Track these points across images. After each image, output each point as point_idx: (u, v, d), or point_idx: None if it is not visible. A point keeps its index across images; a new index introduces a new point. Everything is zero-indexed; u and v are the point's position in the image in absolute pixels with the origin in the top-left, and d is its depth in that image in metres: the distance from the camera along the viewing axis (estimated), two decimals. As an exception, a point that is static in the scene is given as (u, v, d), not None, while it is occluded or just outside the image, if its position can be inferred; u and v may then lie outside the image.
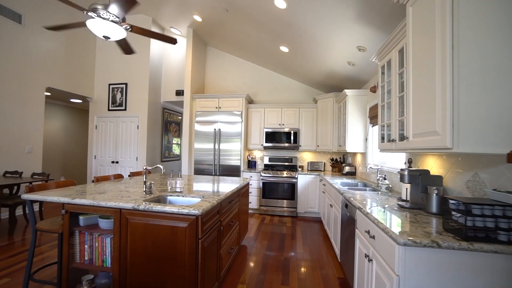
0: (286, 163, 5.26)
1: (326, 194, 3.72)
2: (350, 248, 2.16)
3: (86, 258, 1.92)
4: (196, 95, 5.08)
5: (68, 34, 5.10)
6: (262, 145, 5.11)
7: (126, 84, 5.50)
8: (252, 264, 2.76)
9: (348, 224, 2.27)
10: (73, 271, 1.95)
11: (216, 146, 4.92)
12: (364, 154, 3.97)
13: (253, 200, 4.79)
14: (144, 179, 1.92)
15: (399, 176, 2.57)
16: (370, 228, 1.60)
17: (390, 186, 2.61)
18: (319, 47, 3.62)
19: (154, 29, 5.49)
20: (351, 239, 2.13)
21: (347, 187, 3.21)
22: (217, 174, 4.92)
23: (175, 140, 6.73)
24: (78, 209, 1.84)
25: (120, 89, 5.54)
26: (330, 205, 3.26)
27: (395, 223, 1.42)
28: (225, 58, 5.73)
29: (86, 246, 1.91)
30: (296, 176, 4.66)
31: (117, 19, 2.47)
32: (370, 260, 1.57)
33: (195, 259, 1.65)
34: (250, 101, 5.40)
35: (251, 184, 4.80)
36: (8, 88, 4.12)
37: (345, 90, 3.96)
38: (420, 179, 1.73)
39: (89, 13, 2.40)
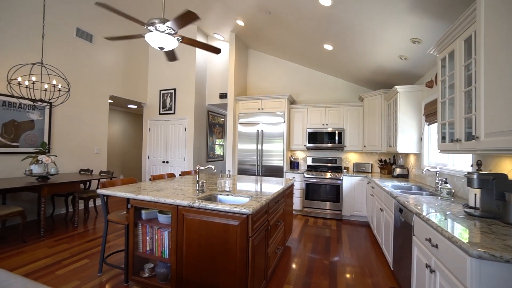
0: (330, 164, 5.10)
1: (375, 197, 3.51)
2: (405, 256, 2.01)
3: (148, 248, 2.13)
4: (239, 97, 5.24)
5: (126, 48, 5.70)
6: (304, 145, 5.04)
7: (174, 89, 5.93)
8: (297, 266, 2.74)
9: (403, 230, 2.11)
10: (136, 259, 2.19)
11: (259, 147, 5.01)
12: (418, 155, 3.64)
13: (296, 201, 4.75)
14: (197, 179, 2.06)
15: (464, 180, 2.31)
16: (432, 236, 1.47)
17: (453, 191, 2.36)
18: (366, 43, 3.44)
19: (199, 37, 5.82)
20: (407, 246, 1.98)
21: (399, 191, 2.98)
22: (260, 174, 5.00)
23: (218, 141, 7.02)
24: (141, 204, 2.05)
25: (169, 94, 5.99)
26: (380, 209, 3.07)
27: (463, 233, 1.28)
28: (266, 60, 5.80)
29: (147, 237, 2.12)
30: (341, 178, 4.49)
31: (172, 31, 2.69)
32: (432, 271, 1.45)
33: (246, 257, 1.71)
34: (292, 102, 5.37)
35: (294, 185, 4.77)
36: (82, 98, 4.78)
37: (396, 87, 3.69)
38: (494, 184, 1.53)
39: (148, 27, 2.66)
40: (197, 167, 2.06)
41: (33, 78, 3.44)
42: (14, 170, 3.86)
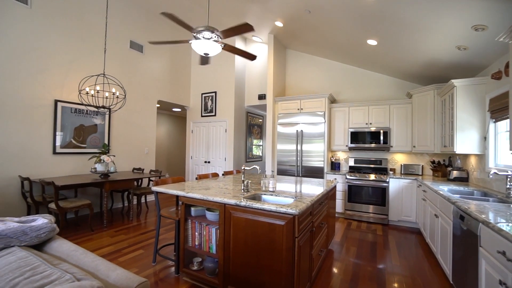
0: (374, 166, 4.82)
1: (428, 202, 3.23)
2: (470, 268, 1.81)
3: (196, 243, 2.26)
4: (278, 98, 5.26)
5: (171, 56, 6.12)
6: (346, 146, 4.85)
7: (215, 92, 6.19)
8: (340, 271, 2.66)
9: (465, 240, 1.91)
10: (186, 252, 2.34)
11: (299, 147, 4.96)
12: (481, 156, 3.25)
13: (338, 204, 4.59)
14: (242, 179, 2.13)
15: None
16: (508, 250, 1.31)
17: (528, 197, 2.06)
18: (416, 35, 3.18)
19: (238, 40, 5.98)
20: (471, 258, 1.79)
21: (458, 196, 2.69)
22: (300, 175, 4.95)
23: (256, 142, 7.12)
24: (191, 202, 2.20)
25: (210, 97, 6.27)
26: (435, 215, 2.81)
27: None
28: (305, 59, 5.72)
29: (196, 233, 2.26)
30: (387, 180, 4.22)
31: (219, 38, 2.83)
32: None
33: (292, 256, 1.72)
34: (332, 101, 5.21)
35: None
36: (134, 103, 5.27)
37: (453, 81, 3.34)
38: None
39: (196, 35, 2.84)
40: (242, 168, 2.14)
41: (98, 88, 3.90)
42: (82, 168, 4.41)
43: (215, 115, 6.17)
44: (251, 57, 3.19)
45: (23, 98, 3.69)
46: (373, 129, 4.60)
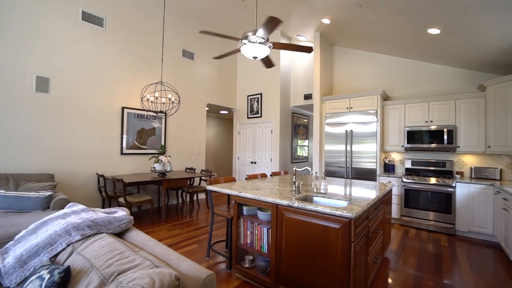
0: (435, 168, 4.34)
1: (511, 212, 2.77)
2: None
3: (248, 241, 2.33)
4: (325, 97, 5.10)
5: (218, 61, 6.42)
6: (402, 146, 4.46)
7: (261, 94, 6.29)
8: (398, 282, 2.45)
9: None
10: (238, 250, 2.43)
11: (348, 148, 4.73)
12: None
13: (393, 209, 4.25)
14: (294, 180, 2.13)
15: None
16: None
17: None
18: (488, 14, 2.76)
19: (283, 41, 5.98)
20: None
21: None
22: (349, 177, 4.72)
23: (301, 142, 7.01)
24: (243, 201, 2.27)
25: (256, 99, 6.39)
26: (520, 227, 2.40)
27: None
28: (354, 56, 5.44)
29: (248, 231, 2.33)
30: (453, 185, 3.75)
31: (263, 40, 2.88)
32: None
33: (347, 261, 1.65)
34: (385, 98, 4.85)
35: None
36: (186, 107, 5.67)
37: (542, 68, 2.81)
38: None
39: (243, 41, 2.93)
40: (294, 169, 2.13)
41: (156, 94, 4.31)
42: (143, 167, 4.92)
43: (260, 116, 6.27)
44: (308, 49, 3.06)
45: (97, 106, 4.28)
46: (434, 127, 4.14)
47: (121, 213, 1.49)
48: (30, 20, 3.58)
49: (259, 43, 2.90)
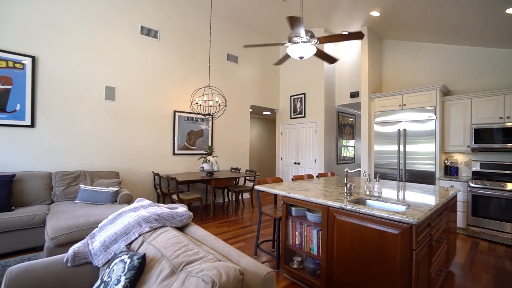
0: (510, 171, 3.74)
1: None
2: None
3: (297, 242, 2.32)
4: (375, 94, 4.80)
5: (261, 62, 6.51)
6: (468, 146, 3.95)
7: (304, 94, 6.19)
8: (471, 299, 2.18)
9: None
10: (286, 250, 2.43)
11: (401, 148, 4.38)
12: None
13: (458, 217, 3.79)
14: (345, 181, 2.06)
15: None
16: None
17: None
18: None
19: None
20: None
21: None
22: (403, 179, 4.36)
23: (345, 142, 6.70)
24: (292, 202, 2.27)
25: (299, 99, 6.31)
26: None
27: None
28: (406, 48, 5.01)
29: (297, 232, 2.32)
30: (538, 192, 3.19)
31: (306, 39, 2.84)
32: None
33: (408, 271, 1.53)
34: (446, 93, 4.36)
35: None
36: (231, 109, 5.88)
37: None
38: None
39: (288, 44, 2.93)
40: (345, 170, 2.06)
41: (205, 98, 4.56)
42: (192, 167, 5.25)
43: (304, 116, 6.17)
44: (358, 36, 2.87)
45: (153, 110, 4.70)
46: (509, 124, 3.58)
47: (182, 209, 1.62)
48: (98, 37, 4.11)
49: (303, 42, 2.87)
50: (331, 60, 3.17)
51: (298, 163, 6.27)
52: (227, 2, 4.99)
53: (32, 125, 3.56)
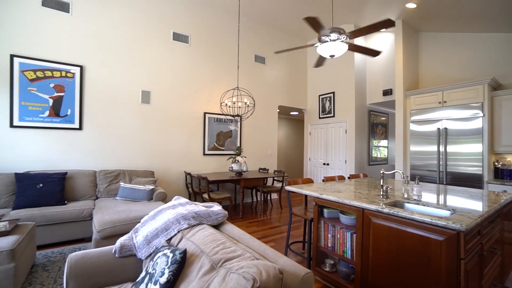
0: None
1: None
2: None
3: (329, 245, 2.27)
4: (410, 91, 4.52)
5: (288, 63, 6.47)
6: (522, 146, 3.56)
7: (333, 93, 6.04)
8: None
9: None
10: (317, 252, 2.39)
11: (441, 149, 4.07)
12: None
13: None
14: (381, 183, 1.97)
15: None
16: None
17: None
18: None
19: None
20: None
21: None
22: (443, 182, 4.05)
23: (376, 142, 6.39)
24: (324, 203, 2.23)
25: (328, 98, 6.16)
26: None
27: None
28: (446, 40, 4.65)
29: (329, 235, 2.27)
30: None
31: (335, 37, 2.76)
32: None
33: (456, 282, 1.43)
34: (496, 87, 3.97)
35: None
36: (259, 110, 5.92)
37: None
38: None
39: (317, 44, 2.88)
40: (381, 171, 1.98)
41: (234, 99, 4.65)
42: (222, 167, 5.38)
43: (333, 116, 6.01)
44: (388, 24, 2.75)
45: (185, 112, 4.90)
46: None
47: (217, 207, 1.68)
48: (136, 45, 4.39)
49: (331, 40, 2.80)
50: (373, 53, 3.04)
51: (327, 164, 6.12)
52: (254, 3, 5.04)
53: (80, 128, 3.91)
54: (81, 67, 3.90)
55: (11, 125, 3.44)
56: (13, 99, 3.44)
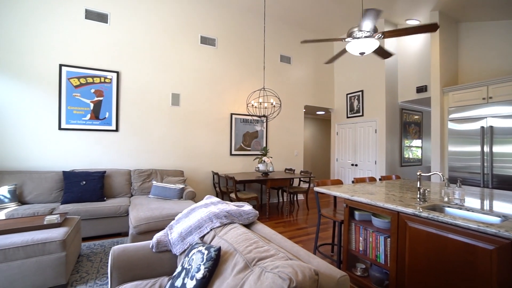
0: None
1: None
2: None
3: (361, 248, 2.20)
4: (448, 88, 4.22)
5: (314, 61, 6.36)
6: None
7: (362, 91, 5.82)
8: None
9: None
10: (348, 255, 2.32)
11: (486, 149, 3.74)
12: None
13: None
14: (418, 185, 1.87)
15: None
16: None
17: None
18: None
19: (387, 29, 5.33)
20: None
21: None
22: (489, 186, 3.72)
23: (409, 143, 6.03)
24: (355, 205, 2.16)
25: (356, 97, 5.96)
26: None
27: None
28: (490, 30, 4.26)
29: (360, 238, 2.20)
30: None
31: (369, 33, 2.66)
32: None
33: (507, 294, 1.31)
34: (550, 81, 3.57)
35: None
36: (285, 110, 5.89)
37: None
38: None
39: (347, 39, 2.80)
40: (418, 173, 1.87)
41: (260, 100, 4.68)
42: (248, 167, 5.44)
43: (362, 115, 5.80)
44: (432, 28, 2.59)
45: (212, 113, 5.03)
46: None
47: (248, 207, 1.70)
48: (166, 50, 4.60)
49: (365, 37, 2.71)
50: (385, 55, 2.92)
51: (356, 165, 5.91)
52: (280, 3, 5.03)
53: (117, 129, 4.18)
54: (117, 72, 4.17)
55: (59, 128, 3.78)
56: (61, 104, 3.79)
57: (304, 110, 7.17)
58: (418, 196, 1.90)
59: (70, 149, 3.88)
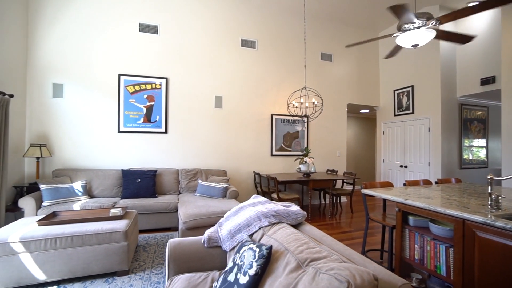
0: None
1: None
2: None
3: (416, 257, 2.03)
4: (523, 78, 3.66)
5: (357, 57, 6.05)
6: None
7: (412, 86, 5.36)
8: None
9: None
10: (401, 263, 2.16)
11: None
12: None
13: None
14: (489, 191, 1.65)
15: None
16: None
17: None
18: None
19: (441, 13, 4.81)
20: None
21: None
22: None
23: (470, 142, 5.35)
24: (409, 210, 2.01)
25: (405, 93, 5.51)
26: None
27: None
28: None
29: (416, 245, 2.03)
30: None
31: (421, 23, 2.44)
32: None
33: None
34: None
35: None
36: (326, 109, 5.72)
37: None
38: None
39: (397, 33, 2.61)
40: (488, 176, 1.65)
41: (302, 100, 4.62)
42: (289, 168, 5.41)
43: (412, 112, 5.34)
44: (465, 40, 2.37)
45: (253, 115, 5.12)
46: None
47: (295, 207, 1.70)
48: (209, 54, 4.82)
49: (416, 28, 2.49)
50: (464, 39, 2.61)
51: (405, 166, 5.46)
52: (319, 0, 4.90)
53: (166, 131, 4.52)
54: (166, 79, 4.51)
55: (118, 131, 4.23)
56: (120, 109, 4.24)
57: (346, 109, 6.88)
58: (490, 202, 1.68)
59: (127, 149, 4.31)
